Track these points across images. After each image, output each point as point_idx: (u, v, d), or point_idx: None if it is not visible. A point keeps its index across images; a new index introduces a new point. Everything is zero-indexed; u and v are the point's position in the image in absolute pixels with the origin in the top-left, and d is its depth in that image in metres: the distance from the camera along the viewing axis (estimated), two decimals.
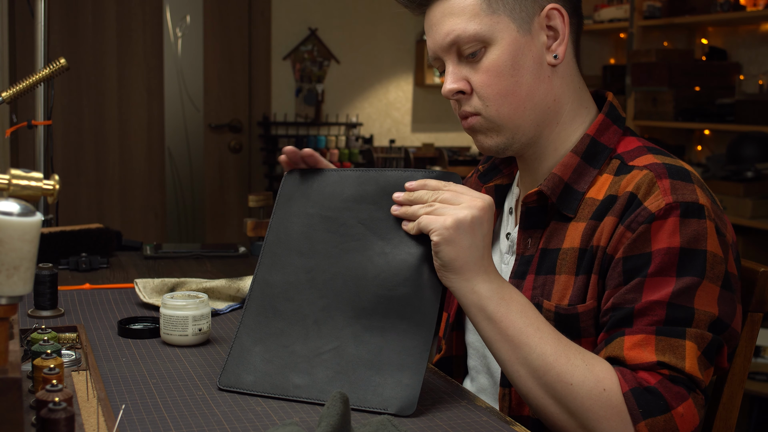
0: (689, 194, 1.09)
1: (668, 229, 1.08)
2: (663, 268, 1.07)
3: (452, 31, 1.18)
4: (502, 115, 1.19)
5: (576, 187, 1.19)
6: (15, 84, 1.98)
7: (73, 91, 4.34)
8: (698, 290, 1.07)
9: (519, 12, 1.17)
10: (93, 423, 0.97)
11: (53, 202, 0.98)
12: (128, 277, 1.81)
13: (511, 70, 1.17)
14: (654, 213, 1.08)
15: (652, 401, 1.03)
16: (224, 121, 4.67)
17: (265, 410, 1.05)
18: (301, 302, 1.15)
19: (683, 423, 1.04)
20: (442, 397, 1.12)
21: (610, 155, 1.21)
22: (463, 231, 1.05)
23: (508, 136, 1.21)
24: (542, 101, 1.20)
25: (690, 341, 1.06)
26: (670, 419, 1.03)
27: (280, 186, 1.22)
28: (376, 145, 4.85)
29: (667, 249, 1.07)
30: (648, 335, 1.06)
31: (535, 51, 1.18)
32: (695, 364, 1.06)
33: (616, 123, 1.23)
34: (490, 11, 1.17)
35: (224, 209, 4.71)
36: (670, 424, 1.03)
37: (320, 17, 4.74)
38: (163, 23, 4.52)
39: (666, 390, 1.04)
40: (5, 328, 0.83)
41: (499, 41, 1.17)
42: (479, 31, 1.17)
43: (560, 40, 1.19)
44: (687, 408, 1.04)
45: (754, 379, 3.06)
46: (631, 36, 4.27)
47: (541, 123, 1.21)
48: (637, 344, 1.06)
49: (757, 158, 3.66)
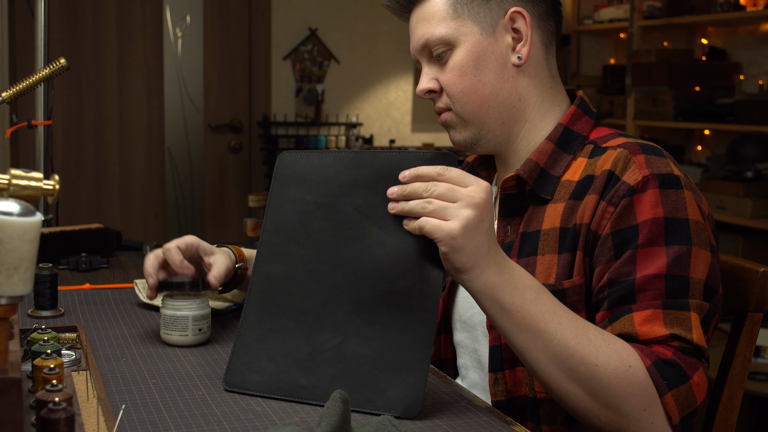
0: (664, 167, 1.15)
1: (650, 200, 1.12)
2: (652, 238, 1.11)
3: (423, 35, 1.28)
4: (467, 112, 1.28)
5: (551, 172, 1.25)
6: (15, 84, 1.98)
7: (73, 91, 4.34)
8: (691, 258, 1.11)
9: (483, 16, 1.26)
10: (93, 423, 0.98)
11: (53, 202, 0.98)
12: (128, 277, 1.81)
13: (474, 70, 1.26)
14: (633, 186, 1.13)
15: (673, 372, 1.06)
16: (224, 121, 4.67)
17: (265, 410, 1.05)
18: (302, 296, 1.14)
19: (699, 391, 1.08)
20: (442, 397, 1.13)
21: (584, 142, 1.27)
22: (469, 234, 1.05)
23: (475, 131, 1.29)
24: (506, 100, 1.27)
25: (693, 312, 1.10)
26: (689, 389, 1.07)
27: (274, 169, 1.22)
28: (376, 145, 4.85)
29: (653, 219, 1.12)
30: (655, 310, 1.10)
31: (498, 52, 1.26)
32: (701, 334, 1.10)
33: (588, 114, 1.30)
34: (455, 15, 1.26)
35: (224, 209, 4.72)
36: (690, 394, 1.07)
37: (320, 17, 4.74)
38: (163, 23, 4.52)
39: (682, 361, 1.07)
40: (5, 328, 0.83)
41: (462, 43, 1.26)
42: (444, 35, 1.26)
43: (524, 41, 1.26)
44: (700, 377, 1.08)
45: (754, 379, 3.06)
46: (631, 36, 4.27)
47: (507, 120, 1.28)
48: (647, 320, 1.09)
49: (757, 158, 3.66)
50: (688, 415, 1.07)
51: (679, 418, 1.06)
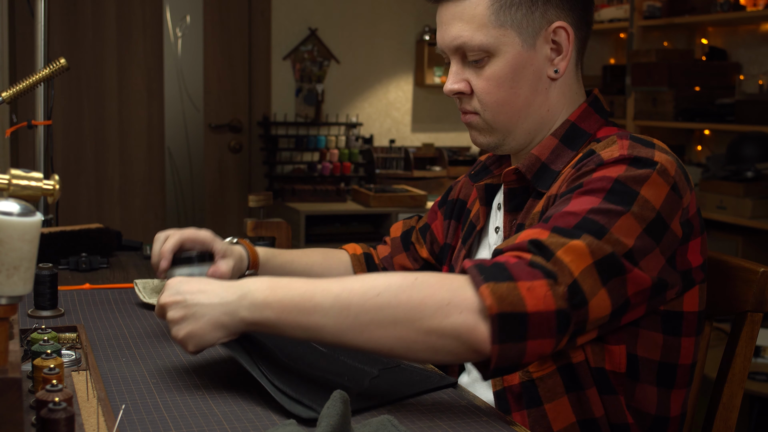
0: (645, 152, 1.12)
1: (611, 167, 1.10)
2: (592, 189, 1.08)
3: (459, 37, 1.23)
4: (497, 121, 1.26)
5: (552, 167, 1.23)
6: (15, 84, 1.98)
7: (73, 91, 4.34)
8: (620, 219, 1.05)
9: (526, 26, 1.21)
10: (93, 423, 0.98)
11: (53, 202, 0.98)
12: (128, 277, 1.81)
13: (510, 82, 1.23)
14: (604, 160, 1.11)
15: (494, 271, 1.00)
16: (224, 121, 4.67)
17: (265, 410, 1.05)
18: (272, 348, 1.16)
19: (531, 296, 0.98)
20: (442, 397, 1.13)
21: (589, 139, 1.25)
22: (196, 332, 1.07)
23: (500, 137, 1.28)
24: (537, 111, 1.26)
25: (583, 242, 1.02)
26: (514, 288, 0.98)
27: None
28: (376, 145, 4.85)
29: (602, 176, 1.09)
30: (543, 230, 1.05)
31: (536, 65, 1.23)
32: (579, 264, 1.00)
33: (599, 113, 1.28)
34: (498, 24, 1.21)
35: (224, 209, 4.72)
36: (514, 293, 0.98)
37: (320, 17, 4.74)
38: (163, 23, 4.52)
39: (515, 267, 1.00)
40: (5, 328, 0.83)
41: (503, 54, 1.22)
42: (485, 42, 1.21)
43: (563, 55, 1.24)
44: (538, 286, 0.98)
45: (754, 379, 3.06)
46: (631, 36, 4.27)
47: (533, 131, 1.27)
48: (525, 234, 1.05)
49: (757, 158, 3.66)
50: (511, 315, 0.97)
51: (497, 311, 0.97)
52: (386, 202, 4.24)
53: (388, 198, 4.24)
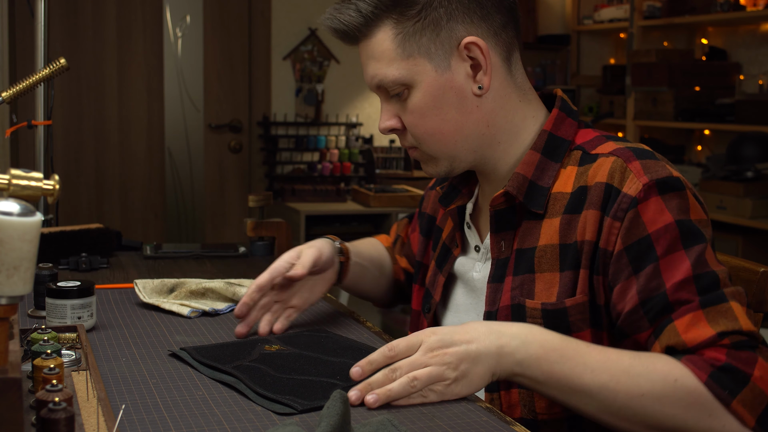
0: (661, 170, 1.12)
1: (655, 208, 1.10)
2: (669, 246, 1.08)
3: (375, 75, 1.22)
4: (435, 150, 1.24)
5: (540, 183, 1.20)
6: (15, 84, 1.98)
7: (73, 91, 4.34)
8: (706, 254, 1.09)
9: (435, 50, 1.19)
10: (93, 423, 0.97)
11: (53, 202, 0.98)
12: (128, 277, 1.81)
13: (434, 109, 1.20)
14: (635, 197, 1.10)
15: (732, 378, 1.03)
16: (224, 121, 4.67)
17: (265, 410, 1.05)
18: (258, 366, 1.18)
19: (764, 383, 1.03)
20: None
21: (570, 147, 1.22)
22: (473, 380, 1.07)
23: (447, 164, 1.26)
24: (474, 130, 1.23)
25: (733, 301, 1.07)
26: (754, 387, 1.02)
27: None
28: (376, 145, 4.85)
29: (665, 227, 1.09)
30: (695, 312, 1.06)
31: (457, 86, 1.20)
32: (747, 319, 1.06)
33: (571, 116, 1.25)
34: (406, 55, 1.19)
35: (224, 209, 4.72)
36: (756, 391, 1.02)
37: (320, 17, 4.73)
38: (163, 23, 4.52)
39: (737, 360, 1.03)
40: (5, 328, 0.83)
41: (419, 83, 1.20)
42: (398, 76, 1.20)
43: (483, 69, 1.20)
44: (761, 368, 1.03)
45: None
46: (631, 36, 4.27)
47: (478, 148, 1.25)
48: (690, 324, 1.06)
49: (757, 158, 3.66)
50: (763, 412, 1.03)
51: (755, 419, 1.03)
52: (386, 202, 4.24)
53: (388, 198, 4.25)
